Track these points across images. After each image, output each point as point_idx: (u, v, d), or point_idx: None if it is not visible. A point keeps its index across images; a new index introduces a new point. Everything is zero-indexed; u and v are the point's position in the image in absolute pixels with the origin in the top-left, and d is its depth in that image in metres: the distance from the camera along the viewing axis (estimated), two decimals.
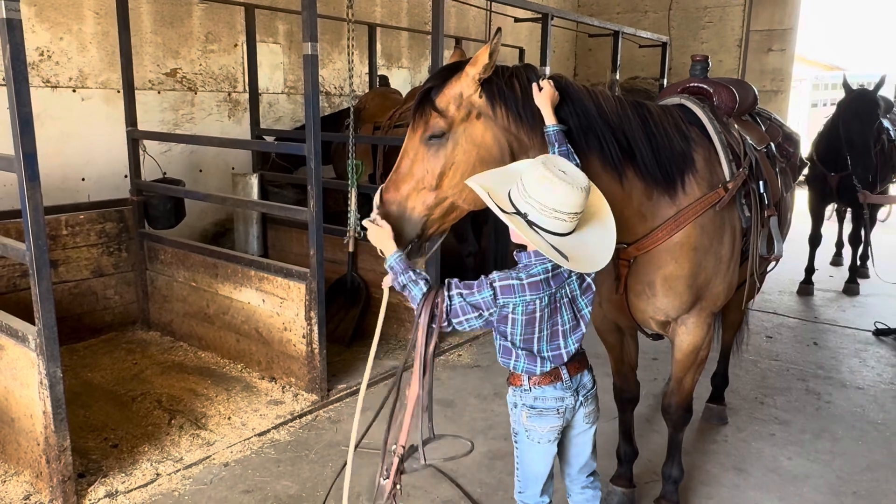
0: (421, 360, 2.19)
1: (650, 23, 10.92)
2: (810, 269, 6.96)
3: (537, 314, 2.13)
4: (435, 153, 2.21)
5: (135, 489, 3.24)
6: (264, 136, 6.24)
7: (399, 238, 2.22)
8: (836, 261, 8.03)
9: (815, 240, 7.01)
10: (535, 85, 2.27)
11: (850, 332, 5.78)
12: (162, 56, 5.99)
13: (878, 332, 5.67)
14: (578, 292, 2.22)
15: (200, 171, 6.33)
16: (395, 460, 2.29)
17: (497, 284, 2.09)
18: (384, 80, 7.41)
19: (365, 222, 2.24)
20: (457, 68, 2.26)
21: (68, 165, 5.38)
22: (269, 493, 3.26)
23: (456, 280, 2.15)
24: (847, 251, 7.36)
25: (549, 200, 1.98)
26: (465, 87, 2.22)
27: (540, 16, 5.92)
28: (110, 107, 5.56)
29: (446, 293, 2.11)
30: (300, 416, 3.99)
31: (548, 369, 2.23)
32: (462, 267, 5.98)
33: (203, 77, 6.32)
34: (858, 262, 7.22)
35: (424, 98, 2.24)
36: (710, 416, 4.11)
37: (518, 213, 2.04)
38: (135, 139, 5.03)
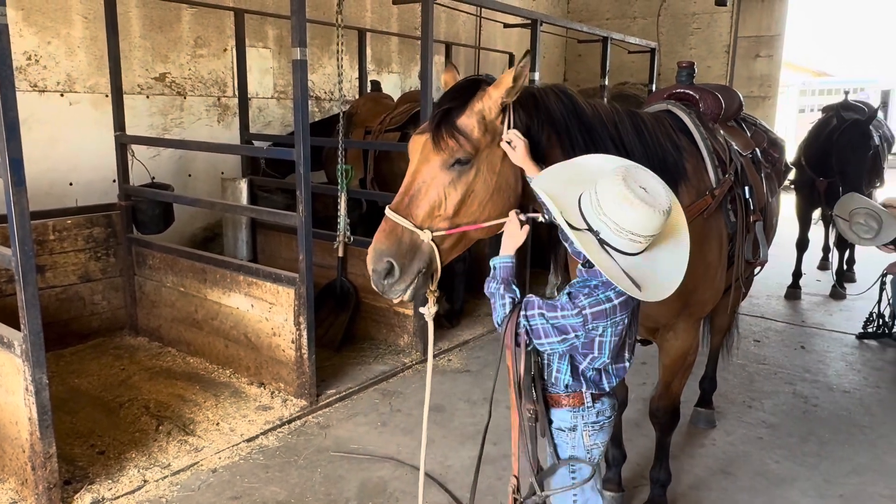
0: (515, 386, 2.06)
1: (639, 29, 11.00)
2: (797, 274, 7.02)
3: (623, 333, 2.02)
4: (456, 179, 2.06)
5: (122, 496, 3.22)
6: (254, 141, 6.23)
7: (405, 271, 2.06)
8: (823, 265, 8.09)
9: (802, 244, 7.08)
10: (503, 140, 2.10)
11: (837, 336, 5.83)
12: (151, 60, 5.97)
13: (862, 336, 5.72)
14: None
15: (189, 175, 6.31)
16: (510, 491, 2.18)
17: (588, 312, 1.92)
18: (376, 84, 7.42)
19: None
20: (473, 87, 2.14)
21: (56, 170, 5.35)
22: (257, 499, 3.25)
23: (537, 299, 1.99)
24: (834, 255, 7.42)
25: (626, 223, 1.80)
26: (487, 109, 2.10)
27: (529, 22, 5.95)
28: (98, 111, 5.54)
29: (524, 313, 1.97)
30: (289, 422, 3.98)
31: (614, 384, 2.14)
32: (451, 270, 5.98)
33: (192, 81, 6.30)
34: (845, 267, 7.27)
35: (444, 119, 2.07)
36: (698, 420, 4.13)
37: (590, 229, 1.86)
38: (123, 144, 5.02)
